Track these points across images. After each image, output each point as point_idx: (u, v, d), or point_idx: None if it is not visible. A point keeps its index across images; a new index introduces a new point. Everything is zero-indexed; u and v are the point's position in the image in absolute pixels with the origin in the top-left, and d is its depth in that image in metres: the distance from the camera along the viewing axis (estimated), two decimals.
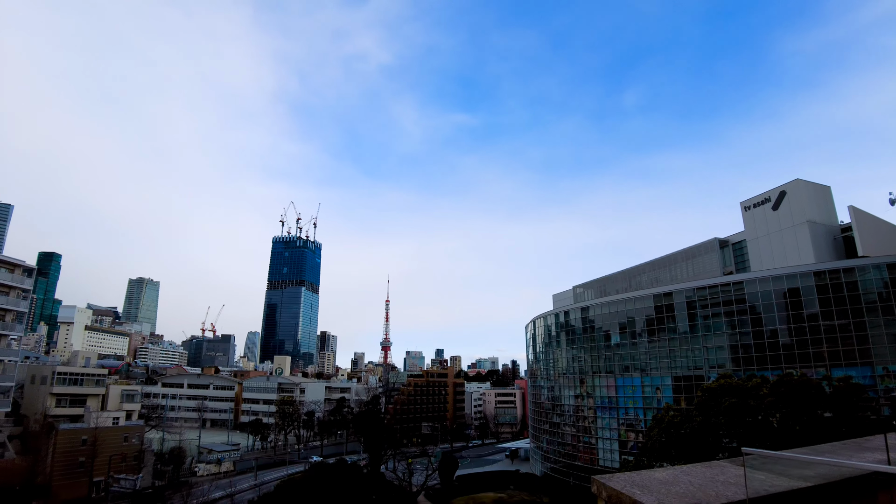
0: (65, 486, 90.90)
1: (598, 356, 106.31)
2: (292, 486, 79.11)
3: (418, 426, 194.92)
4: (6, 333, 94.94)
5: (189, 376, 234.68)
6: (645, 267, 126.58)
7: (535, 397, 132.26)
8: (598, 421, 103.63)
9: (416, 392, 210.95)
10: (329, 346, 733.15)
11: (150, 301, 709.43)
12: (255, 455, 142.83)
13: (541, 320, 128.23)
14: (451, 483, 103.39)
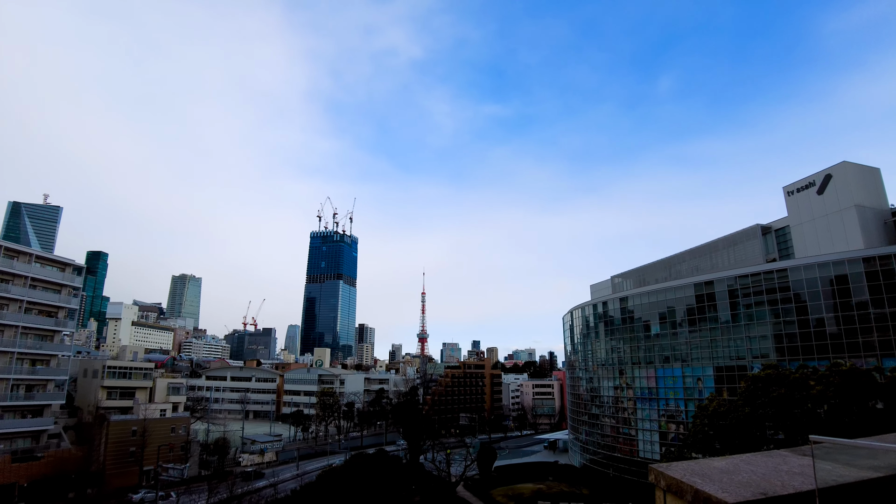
0: (117, 474, 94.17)
1: (637, 347, 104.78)
2: (333, 476, 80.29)
3: (456, 417, 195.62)
4: (59, 329, 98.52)
5: (232, 369, 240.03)
6: (684, 255, 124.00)
7: (574, 388, 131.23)
8: (638, 412, 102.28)
9: (453, 383, 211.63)
10: (367, 339, 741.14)
11: (192, 297, 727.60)
12: (296, 445, 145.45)
13: (578, 311, 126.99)
14: (489, 474, 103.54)
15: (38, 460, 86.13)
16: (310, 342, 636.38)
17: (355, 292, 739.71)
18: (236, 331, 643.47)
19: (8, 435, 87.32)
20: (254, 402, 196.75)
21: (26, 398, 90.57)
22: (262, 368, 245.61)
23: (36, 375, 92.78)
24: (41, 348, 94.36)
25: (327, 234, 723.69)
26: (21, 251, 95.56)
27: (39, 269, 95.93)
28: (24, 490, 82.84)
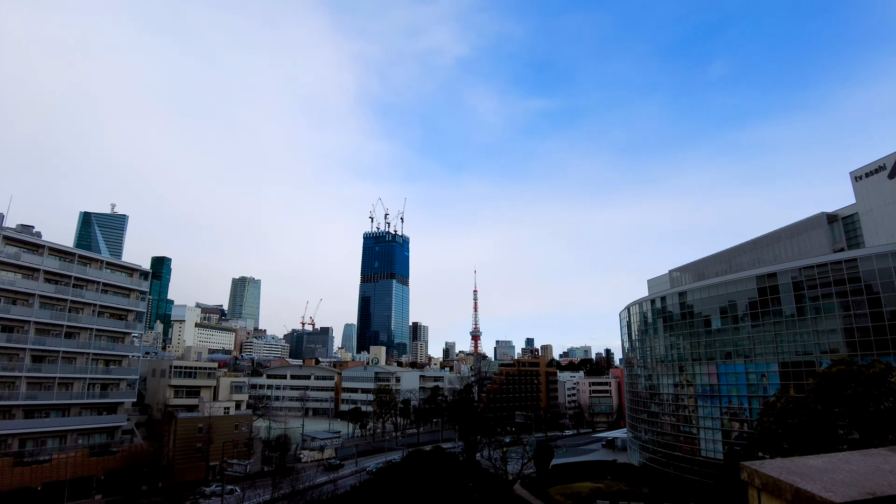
0: (185, 468, 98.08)
1: (697, 342, 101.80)
2: (392, 472, 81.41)
3: (511, 415, 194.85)
4: (129, 332, 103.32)
5: (291, 368, 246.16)
6: (745, 247, 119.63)
7: (632, 386, 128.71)
8: (699, 410, 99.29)
9: (507, 381, 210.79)
10: (421, 337, 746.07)
11: (252, 298, 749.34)
12: (355, 442, 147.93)
13: (636, 307, 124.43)
14: (546, 472, 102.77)
15: (113, 454, 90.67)
16: (365, 340, 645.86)
17: (408, 291, 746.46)
18: (295, 330, 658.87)
19: (86, 431, 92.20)
20: (313, 400, 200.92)
21: (101, 396, 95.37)
22: (321, 367, 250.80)
23: (109, 375, 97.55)
24: (113, 349, 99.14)
25: (379, 235, 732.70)
26: (93, 258, 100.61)
27: (110, 275, 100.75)
28: (101, 482, 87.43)
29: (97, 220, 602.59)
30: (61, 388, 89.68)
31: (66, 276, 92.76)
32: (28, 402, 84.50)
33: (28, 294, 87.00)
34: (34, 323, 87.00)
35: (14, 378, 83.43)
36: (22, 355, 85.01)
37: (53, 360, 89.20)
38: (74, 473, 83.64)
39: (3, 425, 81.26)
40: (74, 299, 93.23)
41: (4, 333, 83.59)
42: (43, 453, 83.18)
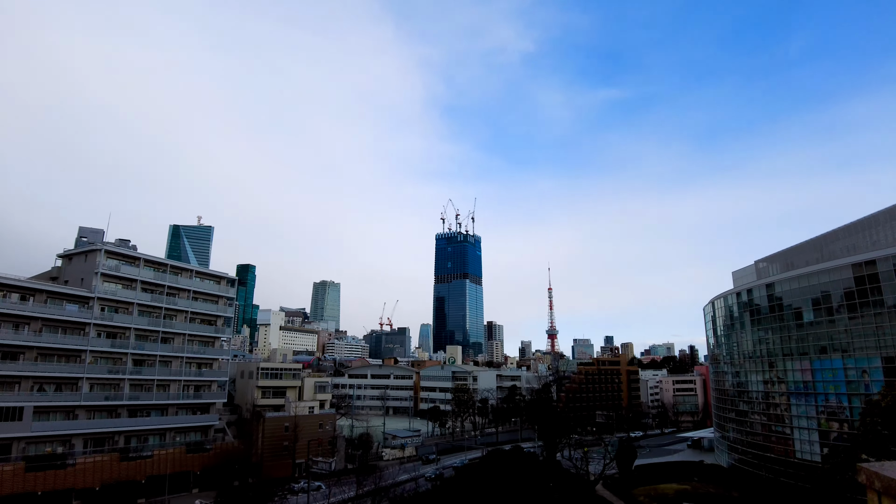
0: (273, 466, 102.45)
1: (788, 337, 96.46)
2: (472, 471, 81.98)
3: (592, 414, 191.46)
4: (218, 336, 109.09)
5: (371, 367, 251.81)
6: (838, 233, 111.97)
7: (718, 384, 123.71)
8: (793, 408, 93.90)
9: (587, 380, 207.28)
10: (496, 336, 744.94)
11: (332, 301, 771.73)
12: (434, 441, 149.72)
13: (720, 300, 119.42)
14: (629, 472, 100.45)
15: (207, 452, 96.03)
16: (441, 340, 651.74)
17: (482, 290, 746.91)
18: (374, 331, 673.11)
19: (182, 429, 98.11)
20: (393, 399, 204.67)
21: (195, 397, 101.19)
22: (399, 366, 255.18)
23: (202, 377, 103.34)
24: (205, 353, 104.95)
25: (451, 235, 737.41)
26: (183, 268, 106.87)
27: (199, 283, 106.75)
28: (197, 477, 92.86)
29: (185, 232, 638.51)
30: (160, 389, 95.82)
31: (161, 285, 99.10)
32: (131, 403, 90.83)
33: (128, 303, 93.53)
34: (134, 329, 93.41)
35: (119, 380, 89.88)
36: (125, 359, 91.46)
37: (152, 363, 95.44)
38: (173, 468, 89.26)
39: (111, 423, 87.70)
40: (168, 307, 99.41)
41: (109, 339, 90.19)
42: (145, 449, 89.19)
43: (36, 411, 78.85)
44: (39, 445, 79.25)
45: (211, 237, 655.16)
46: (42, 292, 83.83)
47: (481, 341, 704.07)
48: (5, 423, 75.35)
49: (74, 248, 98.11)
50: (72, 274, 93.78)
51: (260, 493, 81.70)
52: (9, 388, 77.61)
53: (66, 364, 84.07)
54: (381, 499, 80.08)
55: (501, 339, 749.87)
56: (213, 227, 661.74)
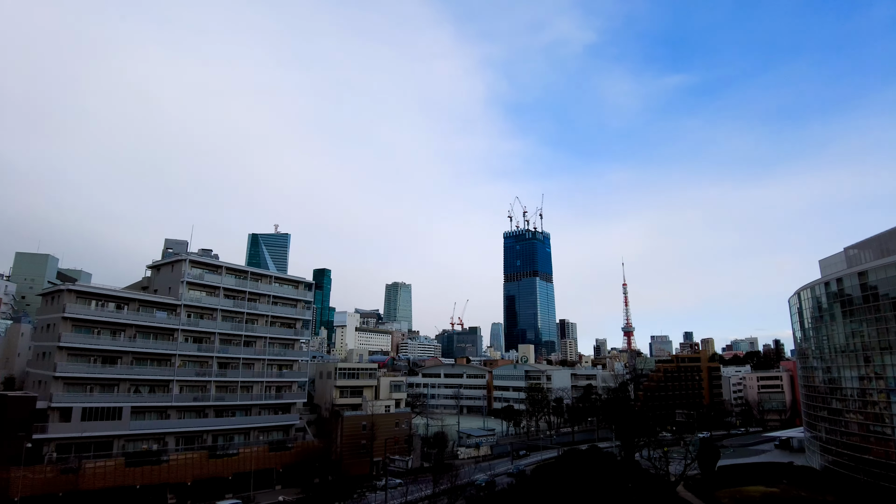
0: (351, 464, 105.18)
1: (885, 329, 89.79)
2: (547, 471, 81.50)
3: (671, 413, 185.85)
4: (297, 338, 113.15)
5: (444, 367, 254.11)
6: None
7: (807, 380, 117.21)
8: (892, 407, 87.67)
9: (665, 378, 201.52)
10: (569, 334, 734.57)
11: (404, 302, 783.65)
12: (509, 440, 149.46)
13: (807, 292, 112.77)
14: (712, 473, 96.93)
15: (288, 450, 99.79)
16: (513, 339, 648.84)
17: (553, 288, 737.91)
18: (445, 331, 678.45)
19: (265, 428, 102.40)
20: (466, 398, 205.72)
21: (277, 397, 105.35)
22: (472, 365, 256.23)
23: (283, 378, 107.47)
24: (285, 355, 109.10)
25: (519, 233, 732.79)
26: (263, 274, 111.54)
27: (278, 288, 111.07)
28: (279, 474, 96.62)
29: (264, 240, 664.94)
30: (243, 390, 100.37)
31: (242, 291, 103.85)
32: (217, 403, 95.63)
33: (212, 309, 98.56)
34: (219, 334, 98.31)
35: (205, 382, 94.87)
36: (210, 362, 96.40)
37: (236, 366, 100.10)
38: (257, 466, 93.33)
39: (200, 423, 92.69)
40: (250, 312, 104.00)
41: (196, 344, 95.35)
42: (231, 448, 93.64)
43: (133, 411, 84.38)
44: (136, 443, 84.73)
45: (288, 244, 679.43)
46: (135, 301, 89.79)
47: (554, 340, 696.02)
48: (107, 421, 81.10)
49: (162, 259, 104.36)
50: (160, 283, 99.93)
51: (342, 489, 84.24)
52: (109, 389, 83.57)
53: (158, 367, 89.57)
54: (457, 497, 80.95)
55: (575, 337, 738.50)
56: (289, 235, 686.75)
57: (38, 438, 73.90)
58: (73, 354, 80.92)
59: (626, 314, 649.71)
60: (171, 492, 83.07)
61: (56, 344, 79.25)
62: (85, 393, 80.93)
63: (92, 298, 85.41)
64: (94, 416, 79.98)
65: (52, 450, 75.77)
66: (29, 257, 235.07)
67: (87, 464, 75.44)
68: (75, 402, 78.73)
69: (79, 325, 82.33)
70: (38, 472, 70.86)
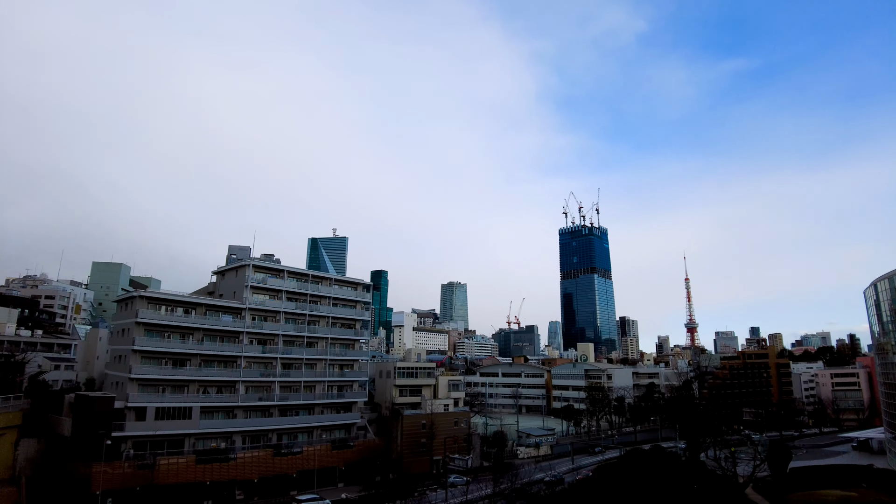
0: (412, 462, 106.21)
1: None
2: (609, 471, 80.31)
3: (738, 412, 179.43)
4: (357, 338, 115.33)
5: (502, 366, 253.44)
6: None
7: (887, 377, 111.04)
8: None
9: (731, 375, 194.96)
10: (630, 332, 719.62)
11: (460, 301, 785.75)
12: (569, 440, 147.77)
13: (884, 282, 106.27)
14: (783, 475, 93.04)
15: (350, 448, 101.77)
16: (571, 337, 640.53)
17: (611, 284, 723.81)
18: (502, 329, 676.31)
19: (328, 427, 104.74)
20: (525, 397, 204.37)
21: (338, 396, 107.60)
22: (530, 364, 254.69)
23: (344, 378, 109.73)
24: (345, 355, 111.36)
25: (575, 229, 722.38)
26: (323, 277, 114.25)
27: (338, 290, 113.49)
28: (342, 472, 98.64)
29: (323, 243, 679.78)
30: (306, 390, 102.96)
31: (303, 294, 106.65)
32: (281, 403, 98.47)
33: (275, 312, 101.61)
34: (282, 336, 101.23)
35: (270, 383, 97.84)
36: (274, 363, 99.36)
37: (298, 366, 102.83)
38: (320, 464, 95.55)
39: (265, 422, 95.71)
40: (311, 313, 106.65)
41: (260, 346, 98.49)
42: (295, 446, 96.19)
43: (202, 411, 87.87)
44: (206, 441, 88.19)
45: (346, 247, 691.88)
46: (202, 306, 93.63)
47: (614, 338, 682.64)
48: (179, 420, 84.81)
49: (226, 265, 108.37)
50: (226, 288, 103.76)
51: (403, 487, 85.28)
52: (179, 390, 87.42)
53: (224, 369, 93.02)
54: (517, 496, 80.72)
55: (636, 334, 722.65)
56: (347, 238, 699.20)
57: (117, 436, 77.97)
58: (146, 357, 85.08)
59: (688, 310, 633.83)
60: (238, 488, 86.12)
61: (130, 347, 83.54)
62: (158, 393, 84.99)
63: (162, 304, 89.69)
64: (166, 415, 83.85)
65: (129, 447, 79.84)
66: (104, 266, 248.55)
67: (161, 460, 79.16)
68: (149, 402, 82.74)
69: (150, 330, 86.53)
70: (117, 468, 74.86)
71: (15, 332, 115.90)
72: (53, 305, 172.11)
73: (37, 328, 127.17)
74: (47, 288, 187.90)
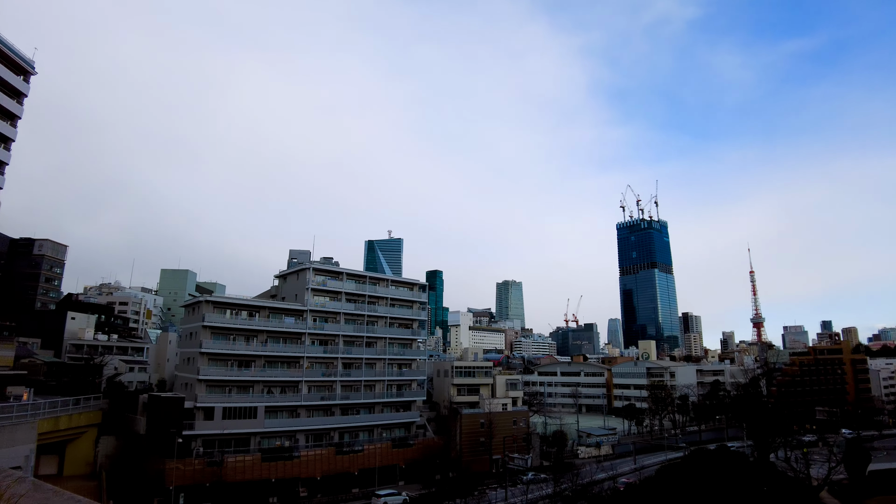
0: (471, 461, 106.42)
1: None
2: (673, 472, 78.23)
3: (810, 410, 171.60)
4: (414, 338, 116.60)
5: (560, 364, 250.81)
6: None
7: None
8: None
9: (802, 372, 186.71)
10: (693, 328, 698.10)
11: (516, 299, 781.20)
12: (631, 439, 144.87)
13: None
14: (862, 478, 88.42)
15: (410, 447, 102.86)
16: (632, 335, 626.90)
17: (673, 279, 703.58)
18: (559, 328, 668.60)
19: (388, 426, 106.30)
20: (584, 396, 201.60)
21: (398, 395, 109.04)
22: (589, 363, 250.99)
23: (403, 377, 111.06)
24: (403, 354, 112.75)
25: (633, 223, 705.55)
26: (380, 278, 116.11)
27: (395, 291, 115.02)
28: (402, 470, 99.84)
29: (379, 245, 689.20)
30: (366, 389, 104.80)
31: (362, 295, 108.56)
32: (343, 402, 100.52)
33: (335, 313, 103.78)
34: (342, 336, 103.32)
35: (331, 382, 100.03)
36: (335, 363, 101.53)
37: (358, 366, 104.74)
38: (381, 462, 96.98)
39: (327, 421, 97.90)
40: (370, 314, 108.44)
41: (321, 346, 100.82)
42: (356, 444, 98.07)
43: (266, 410, 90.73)
44: (271, 439, 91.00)
45: (401, 248, 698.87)
46: (265, 309, 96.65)
47: (676, 335, 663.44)
48: (245, 420, 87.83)
49: (287, 268, 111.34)
50: (287, 291, 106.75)
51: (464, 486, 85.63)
52: (245, 390, 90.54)
53: (288, 369, 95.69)
54: (579, 497, 79.72)
55: (699, 330, 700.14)
56: (402, 239, 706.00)
57: (188, 434, 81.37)
58: (213, 359, 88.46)
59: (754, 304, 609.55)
60: (302, 486, 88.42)
61: (198, 350, 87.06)
62: (225, 394, 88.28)
63: (227, 308, 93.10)
64: (233, 414, 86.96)
65: (198, 445, 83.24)
66: (172, 273, 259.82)
67: (228, 458, 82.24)
68: (217, 402, 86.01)
69: (217, 333, 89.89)
70: (188, 465, 78.25)
71: (93, 337, 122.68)
72: (126, 311, 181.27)
73: (112, 333, 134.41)
74: (121, 295, 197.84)
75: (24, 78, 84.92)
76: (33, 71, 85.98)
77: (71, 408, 72.73)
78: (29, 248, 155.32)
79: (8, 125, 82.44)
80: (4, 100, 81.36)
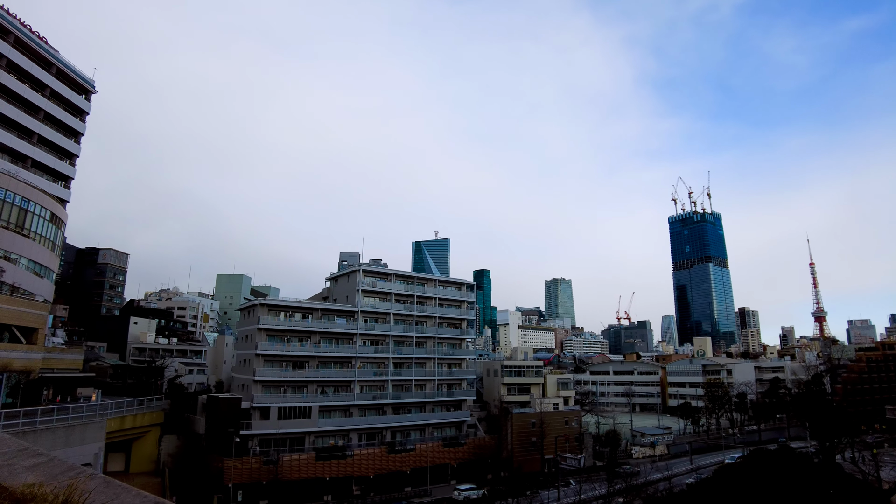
0: (522, 460, 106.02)
1: None
2: (732, 473, 76.14)
3: (879, 409, 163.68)
4: (463, 337, 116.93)
5: (613, 363, 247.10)
6: None
7: None
8: None
9: (869, 368, 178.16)
10: (750, 323, 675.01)
11: (565, 297, 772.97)
12: (687, 439, 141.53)
13: None
14: None
15: (461, 446, 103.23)
16: (687, 332, 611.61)
17: (728, 274, 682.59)
18: (611, 326, 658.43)
19: (439, 425, 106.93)
20: (638, 395, 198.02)
21: (448, 395, 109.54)
22: (643, 361, 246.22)
23: (452, 376, 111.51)
24: (453, 354, 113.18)
25: (686, 217, 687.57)
26: (428, 279, 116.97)
27: (443, 291, 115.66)
28: (453, 470, 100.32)
29: (426, 246, 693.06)
30: (417, 388, 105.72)
31: (411, 295, 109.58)
32: (394, 401, 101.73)
33: (385, 313, 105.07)
34: (392, 336, 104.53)
35: (383, 381, 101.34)
36: (386, 363, 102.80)
37: (409, 365, 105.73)
38: (433, 461, 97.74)
39: (379, 420, 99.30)
40: (419, 314, 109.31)
41: (372, 346, 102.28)
42: (408, 443, 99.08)
43: (320, 410, 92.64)
44: (324, 439, 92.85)
45: (448, 248, 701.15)
46: (317, 310, 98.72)
47: (733, 330, 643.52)
48: (299, 419, 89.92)
49: (338, 271, 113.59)
50: (338, 292, 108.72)
51: (517, 486, 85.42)
52: (299, 390, 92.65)
53: (340, 369, 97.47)
54: (633, 497, 78.49)
55: (757, 326, 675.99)
56: (448, 240, 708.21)
57: (245, 434, 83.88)
58: (268, 360, 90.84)
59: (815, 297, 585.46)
60: (355, 484, 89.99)
61: (254, 352, 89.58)
62: (280, 394, 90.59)
63: (281, 310, 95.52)
64: (288, 414, 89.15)
65: (255, 444, 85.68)
66: (227, 278, 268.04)
67: (284, 457, 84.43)
68: (272, 403, 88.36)
69: (271, 335, 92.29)
70: (246, 463, 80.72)
71: (154, 340, 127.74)
72: (185, 315, 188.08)
73: (172, 336, 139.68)
74: (179, 300, 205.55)
75: (86, 97, 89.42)
76: (94, 90, 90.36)
77: (136, 408, 75.88)
78: (94, 257, 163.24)
79: (72, 142, 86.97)
80: (68, 118, 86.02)
